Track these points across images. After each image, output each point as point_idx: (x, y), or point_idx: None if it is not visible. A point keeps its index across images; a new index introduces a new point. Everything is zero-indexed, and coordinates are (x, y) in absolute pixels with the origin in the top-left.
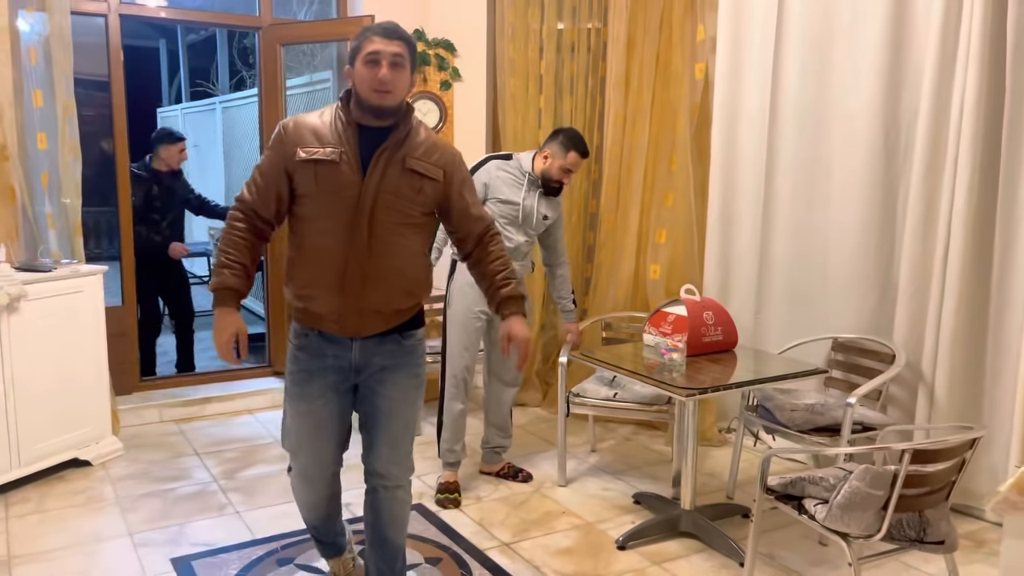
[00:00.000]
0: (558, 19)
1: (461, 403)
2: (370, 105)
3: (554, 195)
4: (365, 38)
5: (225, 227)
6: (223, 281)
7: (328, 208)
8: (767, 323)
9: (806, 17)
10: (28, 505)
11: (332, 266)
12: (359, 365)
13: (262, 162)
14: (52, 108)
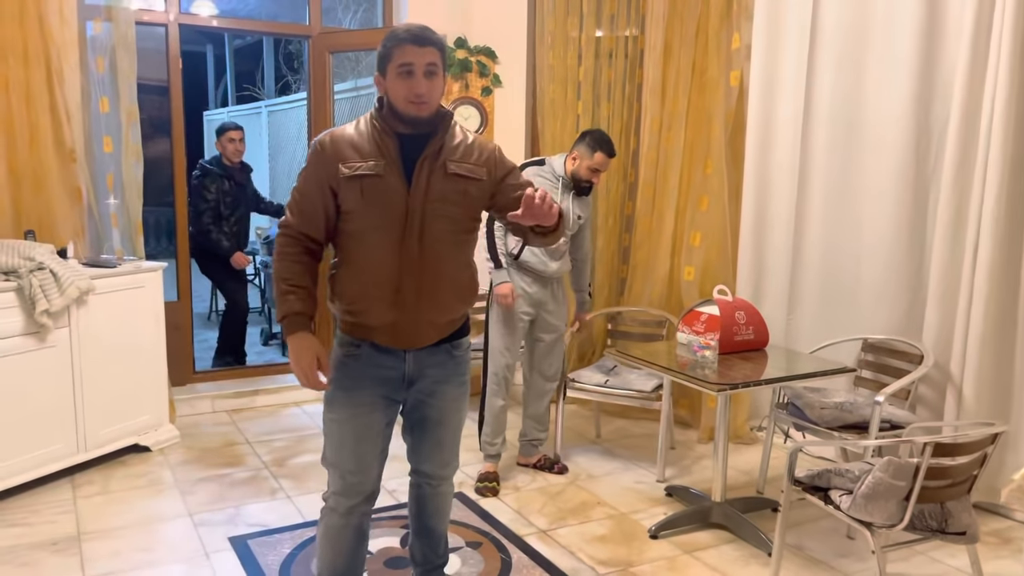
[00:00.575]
0: (597, 27)
1: (502, 400)
2: (407, 117)
3: (585, 195)
4: (396, 46)
5: (276, 254)
6: (290, 307)
7: (376, 222)
8: (799, 324)
9: (839, 25)
10: (94, 487)
11: (385, 280)
12: (412, 377)
13: (302, 183)
14: (117, 113)
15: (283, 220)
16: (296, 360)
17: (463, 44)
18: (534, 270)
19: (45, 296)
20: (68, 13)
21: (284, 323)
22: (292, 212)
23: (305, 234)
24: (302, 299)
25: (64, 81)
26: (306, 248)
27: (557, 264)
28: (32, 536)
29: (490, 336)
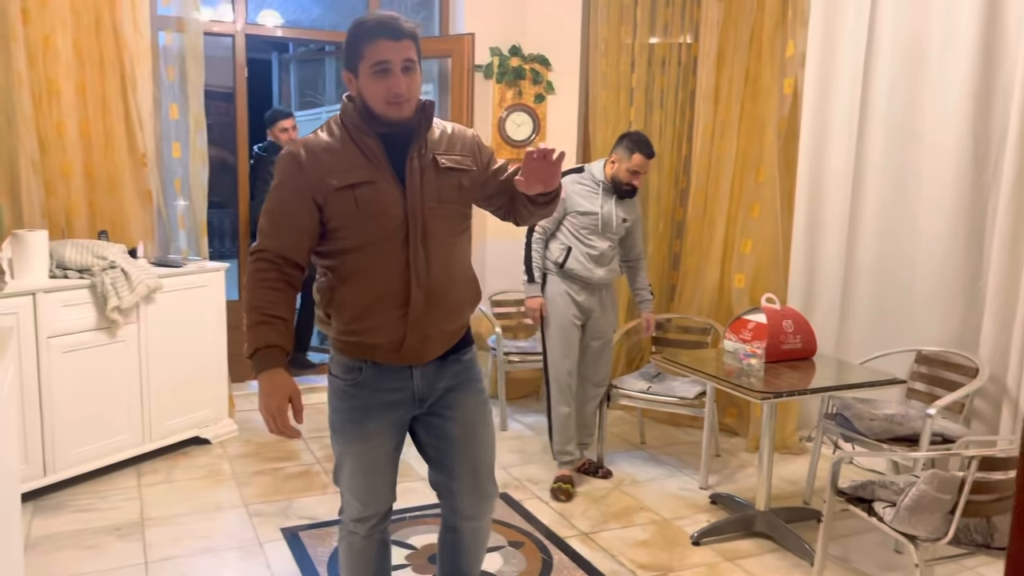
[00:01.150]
0: (650, 34)
1: (567, 407)
2: (386, 119)
3: (629, 198)
4: (368, 41)
5: (250, 280)
6: (264, 338)
7: (375, 233)
8: (851, 334)
9: (897, 32)
10: (158, 476)
11: (391, 293)
12: (423, 394)
13: (276, 201)
14: (185, 120)
15: (256, 244)
16: (265, 401)
17: (517, 52)
18: (580, 277)
19: (116, 293)
20: (142, 24)
21: (256, 357)
22: (268, 234)
23: (284, 258)
24: (278, 331)
25: (137, 89)
26: (284, 274)
27: (604, 270)
28: (98, 521)
29: (547, 344)
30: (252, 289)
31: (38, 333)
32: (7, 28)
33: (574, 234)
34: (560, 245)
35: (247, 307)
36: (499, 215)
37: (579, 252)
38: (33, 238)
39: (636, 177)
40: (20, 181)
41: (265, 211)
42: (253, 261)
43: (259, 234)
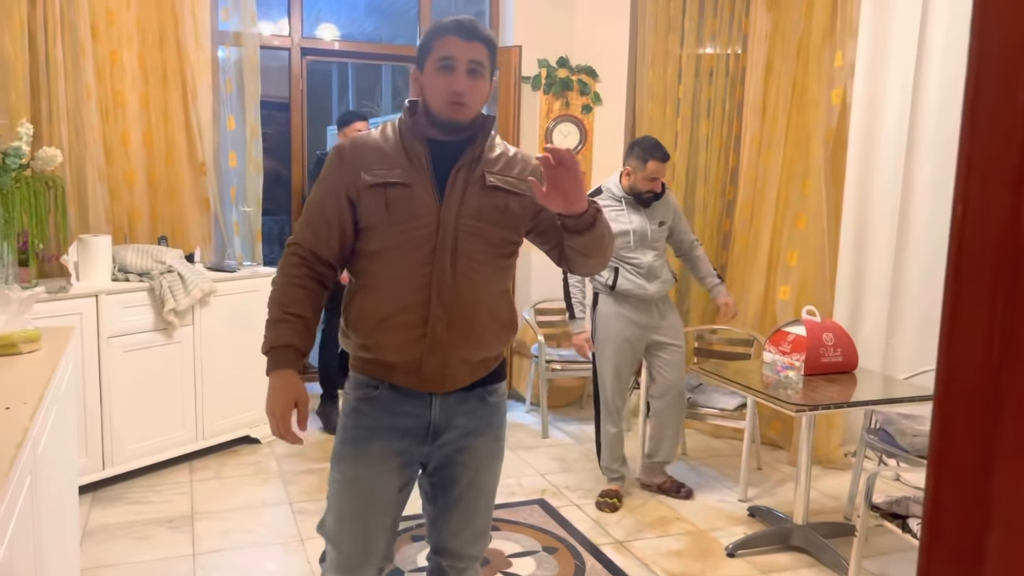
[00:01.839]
0: (698, 45)
1: (614, 427)
2: (442, 120)
3: (656, 202)
4: (437, 37)
5: (279, 275)
6: (280, 337)
7: (402, 240)
8: (899, 349)
9: (948, 41)
10: (208, 472)
11: (411, 308)
12: (439, 427)
13: (315, 195)
14: (242, 130)
15: (292, 236)
16: (271, 401)
17: (565, 63)
18: (633, 295)
19: (173, 296)
20: (203, 38)
21: (270, 355)
22: (302, 228)
23: (315, 254)
24: (296, 330)
25: (197, 100)
26: (313, 272)
27: (656, 285)
28: (151, 513)
29: (598, 363)
30: (279, 283)
31: (100, 333)
32: (77, 44)
33: (615, 256)
34: (607, 269)
35: (271, 301)
36: (552, 256)
37: (625, 272)
38: (97, 243)
39: (655, 183)
40: (87, 188)
41: (307, 204)
42: (286, 255)
43: (297, 226)
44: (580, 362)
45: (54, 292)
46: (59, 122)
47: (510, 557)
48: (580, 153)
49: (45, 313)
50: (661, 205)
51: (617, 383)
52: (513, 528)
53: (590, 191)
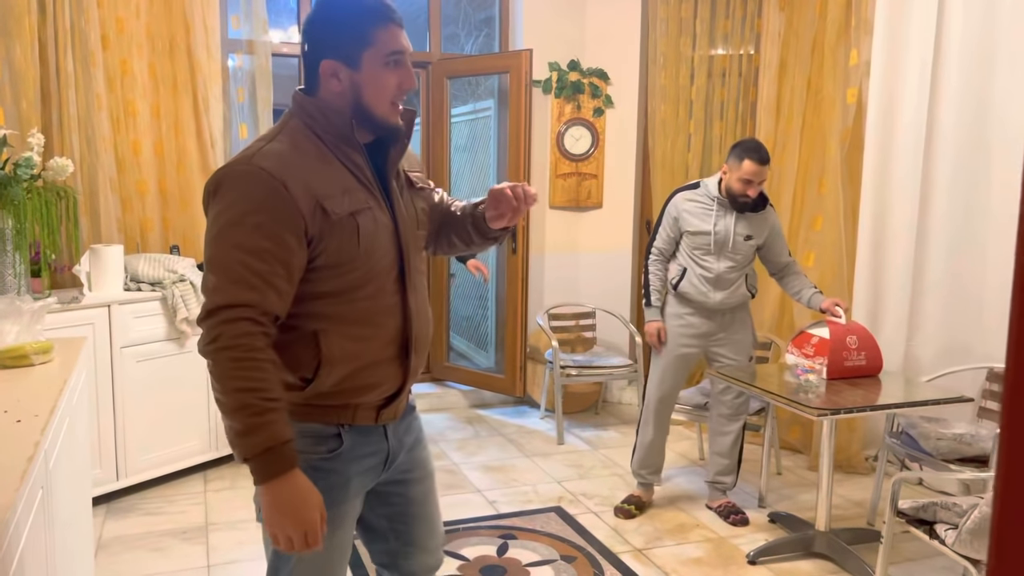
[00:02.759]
0: (710, 46)
1: (651, 432)
2: (385, 123)
3: (752, 211)
4: (378, 25)
5: (233, 351)
6: (276, 432)
7: (372, 272)
8: (920, 350)
9: (965, 38)
10: (223, 482)
11: (390, 341)
12: (395, 454)
13: (252, 238)
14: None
15: (224, 298)
16: (297, 515)
17: (576, 66)
18: (694, 301)
19: (185, 305)
20: (214, 47)
21: (268, 458)
22: (245, 284)
23: (270, 314)
24: (286, 420)
25: (209, 109)
26: (268, 337)
27: (722, 294)
28: (165, 524)
29: (651, 365)
30: (236, 363)
31: (112, 343)
32: (87, 54)
33: (689, 255)
34: (677, 266)
35: (236, 387)
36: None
37: (693, 274)
38: (109, 252)
39: (750, 187)
40: (99, 198)
41: (234, 248)
42: (226, 322)
43: (227, 281)
44: (595, 367)
45: (66, 302)
46: (70, 132)
47: (528, 566)
48: (593, 156)
49: (57, 324)
50: (756, 219)
51: (661, 387)
52: (530, 536)
53: (688, 184)
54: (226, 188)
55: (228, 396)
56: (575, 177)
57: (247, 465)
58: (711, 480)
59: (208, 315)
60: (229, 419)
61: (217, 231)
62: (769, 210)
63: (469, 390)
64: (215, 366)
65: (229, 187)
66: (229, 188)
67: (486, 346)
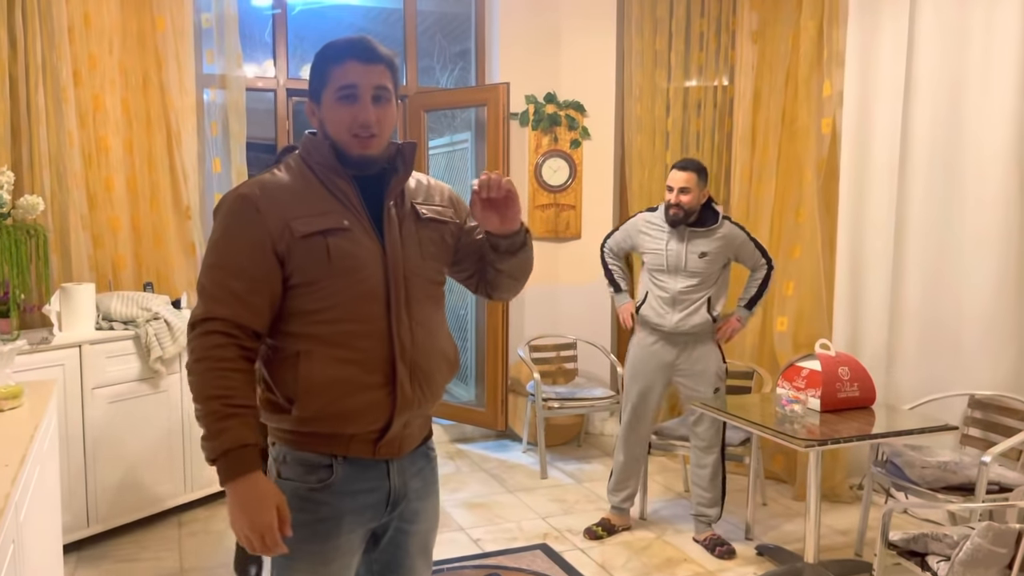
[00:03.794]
0: (685, 77)
1: (622, 455)
2: (350, 156)
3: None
4: (334, 63)
5: (201, 362)
6: (236, 436)
7: (351, 293)
8: (900, 378)
9: (935, 69)
10: (197, 525)
11: (373, 369)
12: (399, 495)
13: (226, 256)
14: (228, 173)
15: (201, 311)
16: (252, 516)
17: (552, 99)
18: (655, 325)
19: (159, 344)
20: (187, 82)
21: (227, 460)
22: (216, 298)
23: (242, 326)
24: (250, 425)
25: (182, 144)
26: (243, 349)
27: (680, 315)
28: (139, 571)
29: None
30: (206, 372)
31: (83, 384)
32: (59, 90)
33: (649, 277)
34: (642, 288)
35: (202, 395)
36: (469, 285)
37: (652, 296)
38: (80, 291)
39: (673, 194)
40: (70, 235)
41: (211, 267)
42: (201, 335)
43: (204, 298)
44: (577, 399)
45: (36, 343)
46: (41, 169)
47: None
48: (570, 187)
49: (27, 365)
50: (711, 236)
51: (627, 410)
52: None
53: (649, 207)
54: (216, 215)
55: (198, 403)
56: (553, 208)
57: (213, 466)
58: (695, 513)
59: (189, 330)
60: (200, 424)
61: (204, 254)
62: (726, 226)
63: (450, 424)
64: (190, 376)
65: (217, 214)
66: (216, 215)
67: (466, 379)
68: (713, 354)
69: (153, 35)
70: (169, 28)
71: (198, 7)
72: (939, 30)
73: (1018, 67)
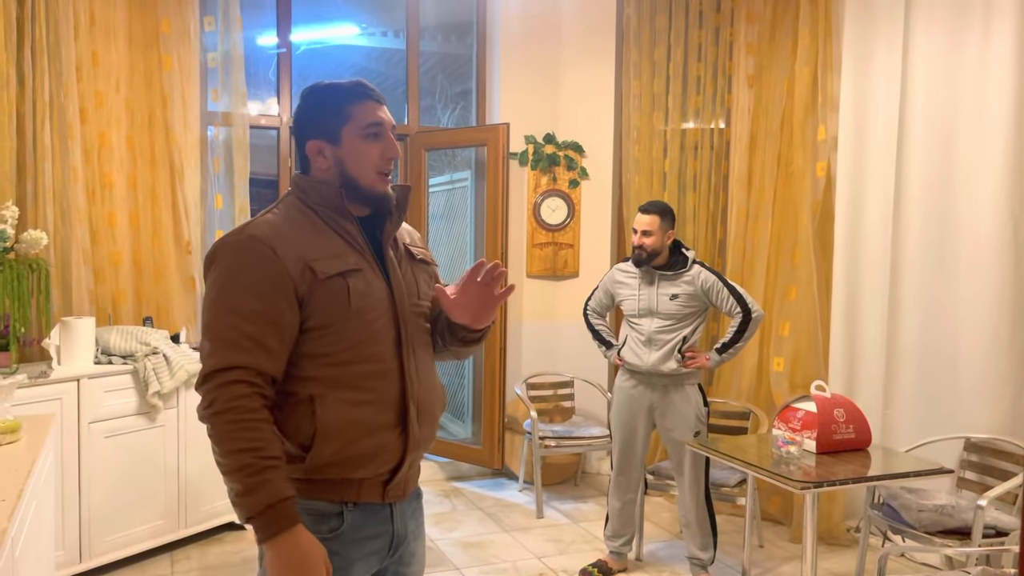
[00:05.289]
0: (682, 120)
1: (615, 500)
2: (373, 193)
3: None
4: (354, 102)
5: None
6: (276, 490)
7: (365, 333)
8: (896, 420)
9: (928, 114)
10: (190, 562)
11: (386, 409)
12: (400, 538)
13: (246, 301)
14: (230, 208)
15: (219, 360)
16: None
17: (551, 139)
18: (634, 367)
19: (157, 378)
20: (191, 120)
21: (269, 516)
22: (239, 346)
23: (264, 375)
24: (285, 478)
25: (185, 180)
26: (264, 398)
27: (656, 355)
28: None
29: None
30: (232, 424)
31: (80, 418)
32: (65, 126)
33: (627, 321)
34: (622, 334)
35: (234, 448)
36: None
37: (631, 338)
38: (80, 325)
39: (637, 236)
40: (71, 270)
41: (225, 312)
42: (221, 386)
43: (220, 346)
44: (574, 437)
45: (35, 377)
46: (45, 204)
47: None
48: (569, 226)
49: (25, 399)
50: (676, 279)
51: (615, 455)
52: None
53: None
54: (220, 257)
55: (227, 458)
56: (552, 247)
57: (250, 524)
58: (689, 556)
59: (204, 380)
60: (229, 480)
61: (212, 298)
62: (695, 269)
63: (446, 462)
64: (213, 429)
65: (222, 256)
66: (222, 257)
67: (463, 416)
68: (692, 398)
69: (160, 74)
70: (176, 67)
71: (205, 47)
72: (931, 76)
73: (1010, 112)
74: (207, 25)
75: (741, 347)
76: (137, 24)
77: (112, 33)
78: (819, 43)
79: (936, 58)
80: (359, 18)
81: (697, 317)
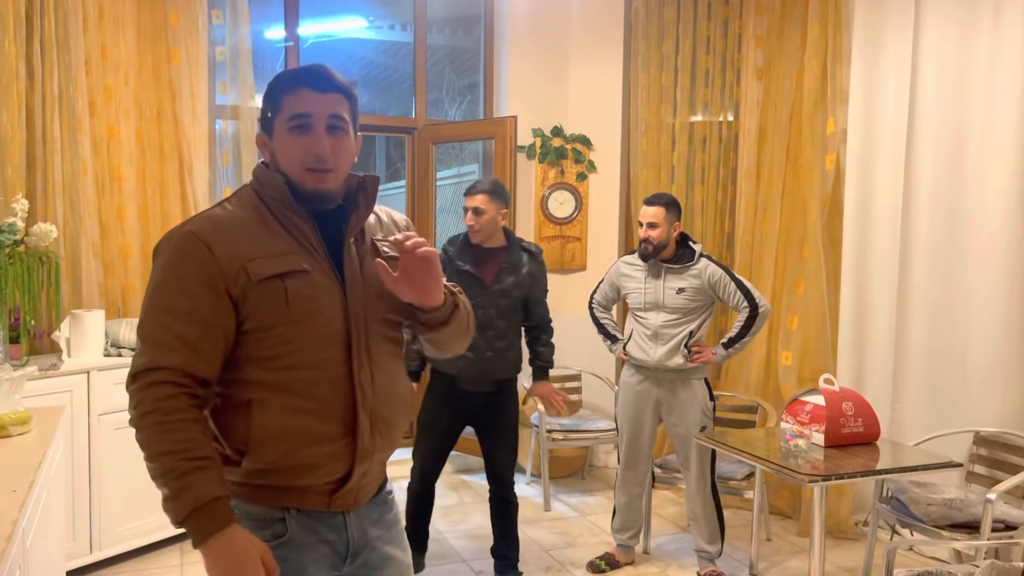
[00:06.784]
0: (690, 113)
1: (622, 494)
2: (305, 191)
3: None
4: (286, 91)
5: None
6: (204, 490)
7: (310, 339)
8: (905, 414)
9: (938, 106)
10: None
11: (332, 418)
12: (358, 546)
13: (174, 299)
14: None
15: (146, 360)
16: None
17: (559, 132)
18: (637, 360)
19: None
20: (200, 113)
21: (198, 519)
22: (164, 345)
23: (192, 375)
24: (215, 478)
25: (194, 174)
26: (195, 399)
27: (663, 350)
28: None
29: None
30: (156, 427)
31: (91, 410)
32: (74, 120)
33: (633, 315)
34: (628, 327)
35: (157, 451)
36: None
37: (637, 333)
38: (90, 318)
39: (643, 229)
40: (81, 263)
41: (156, 311)
42: (147, 387)
43: (148, 345)
44: (581, 431)
45: (45, 369)
46: (54, 197)
47: None
48: (576, 220)
49: (35, 391)
50: (683, 272)
51: (622, 449)
52: None
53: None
54: (159, 253)
55: (152, 462)
56: (559, 240)
57: (182, 529)
58: (697, 548)
59: (131, 380)
60: (158, 485)
61: (147, 295)
62: (702, 263)
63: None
64: (139, 432)
65: (162, 251)
66: (162, 252)
67: None
68: (699, 394)
69: (168, 67)
70: (184, 60)
71: (212, 40)
72: (941, 68)
73: (1021, 105)
74: (215, 18)
75: (748, 342)
76: (145, 17)
77: (120, 26)
78: (828, 35)
79: (946, 50)
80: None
81: (704, 311)
